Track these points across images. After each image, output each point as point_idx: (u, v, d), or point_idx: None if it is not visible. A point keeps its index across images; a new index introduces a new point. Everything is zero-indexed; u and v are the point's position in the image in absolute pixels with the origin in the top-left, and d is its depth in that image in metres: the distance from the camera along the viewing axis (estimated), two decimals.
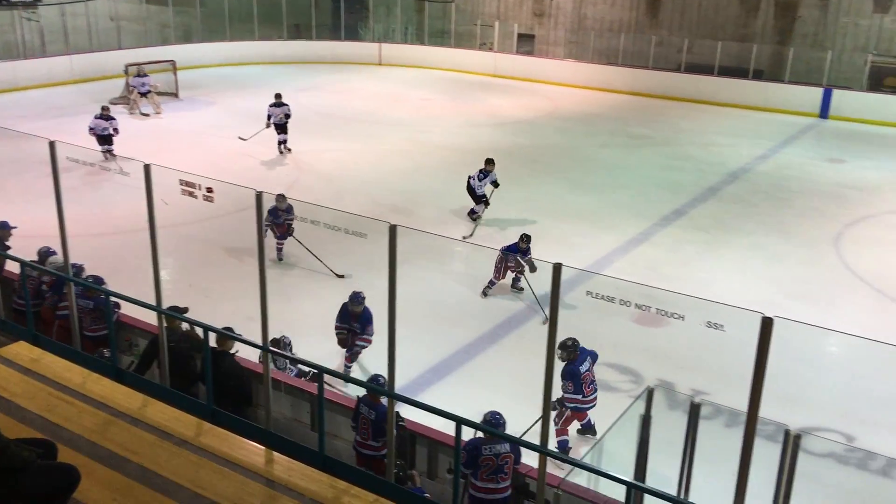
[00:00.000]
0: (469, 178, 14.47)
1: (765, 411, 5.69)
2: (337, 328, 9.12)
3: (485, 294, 11.55)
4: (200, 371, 6.81)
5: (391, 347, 5.13)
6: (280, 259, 12.44)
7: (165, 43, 29.21)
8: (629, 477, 5.40)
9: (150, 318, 7.56)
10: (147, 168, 5.96)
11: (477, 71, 31.53)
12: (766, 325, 3.55)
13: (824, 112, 25.03)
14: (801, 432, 5.07)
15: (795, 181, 18.14)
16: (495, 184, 14.47)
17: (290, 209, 11.99)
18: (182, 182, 5.86)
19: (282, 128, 18.47)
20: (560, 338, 7.40)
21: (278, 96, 18.63)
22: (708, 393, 8.86)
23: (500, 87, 29.42)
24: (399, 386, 5.68)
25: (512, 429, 7.29)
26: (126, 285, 7.43)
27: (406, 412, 7.16)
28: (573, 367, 7.81)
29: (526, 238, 11.25)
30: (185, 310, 7.22)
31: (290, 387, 7.39)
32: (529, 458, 6.08)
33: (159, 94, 23.13)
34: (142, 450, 4.98)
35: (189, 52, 28.73)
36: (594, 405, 7.98)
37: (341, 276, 11.88)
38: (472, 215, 14.59)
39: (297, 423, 7.27)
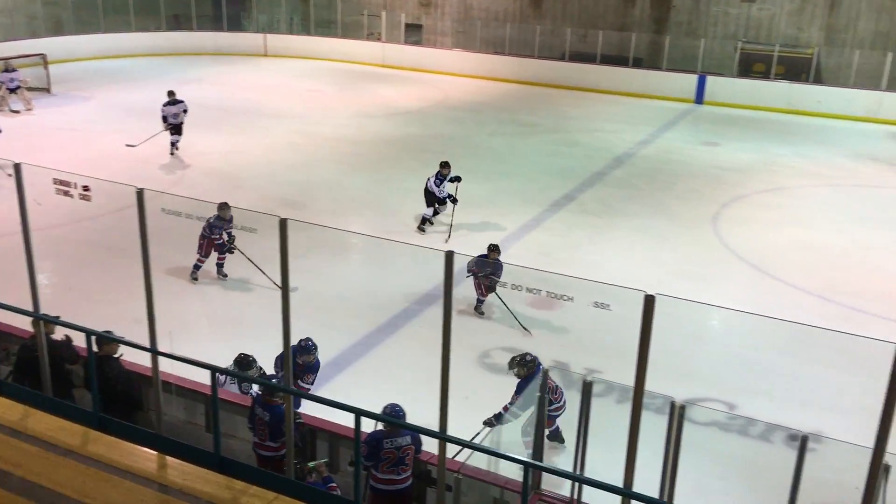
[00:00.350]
0: (427, 180, 13.80)
1: (652, 385, 5.92)
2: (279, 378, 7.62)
3: (480, 312, 10.59)
4: (84, 377, 6.51)
5: (286, 344, 5.05)
6: (225, 276, 11.43)
7: (35, 36, 27.55)
8: (527, 456, 5.53)
9: (28, 325, 7.16)
10: (17, 167, 5.63)
11: (365, 61, 31.34)
12: (649, 302, 3.70)
13: (699, 98, 26.22)
14: (686, 403, 5.32)
15: (675, 164, 18.95)
16: (457, 178, 13.67)
17: (232, 219, 11.01)
18: (56, 181, 5.57)
19: (177, 128, 17.45)
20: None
21: (171, 94, 17.53)
22: (600, 371, 9.13)
23: (389, 77, 29.35)
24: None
25: (413, 418, 7.32)
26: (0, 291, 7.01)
27: (304, 407, 7.08)
28: (529, 382, 7.31)
29: (493, 248, 10.36)
30: (56, 318, 6.86)
31: (183, 388, 7.17)
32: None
33: (30, 89, 21.83)
34: (24, 462, 4.72)
35: (60, 44, 27.25)
36: (563, 412, 7.51)
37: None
38: (429, 218, 13.85)
39: (191, 426, 7.06)
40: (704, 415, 8.34)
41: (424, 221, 13.84)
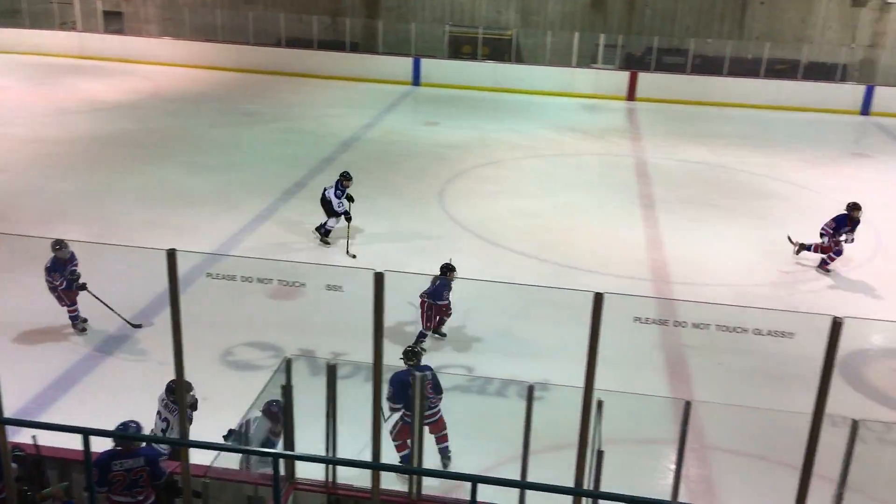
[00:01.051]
0: (325, 189, 12.97)
1: (394, 358, 6.13)
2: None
3: (443, 333, 10.00)
4: None
5: None
6: (84, 330, 9.79)
7: None
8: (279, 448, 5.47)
9: None
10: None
11: (61, 53, 28.60)
12: (379, 279, 3.80)
13: (416, 80, 27.27)
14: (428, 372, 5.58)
15: (400, 145, 19.58)
16: (350, 199, 12.85)
17: (73, 257, 9.48)
18: None
19: None
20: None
21: None
22: (346, 353, 9.26)
23: (90, 69, 27.05)
24: (12, 410, 5.03)
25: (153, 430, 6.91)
26: None
27: (30, 435, 6.40)
28: (403, 374, 7.08)
29: (451, 268, 9.72)
30: None
31: None
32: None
33: None
34: None
35: None
36: (431, 420, 7.34)
37: (138, 326, 9.78)
38: (321, 230, 12.99)
39: None
40: (446, 380, 8.75)
41: (328, 233, 12.98)
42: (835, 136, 22.87)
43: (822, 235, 12.50)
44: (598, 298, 3.47)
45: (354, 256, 12.44)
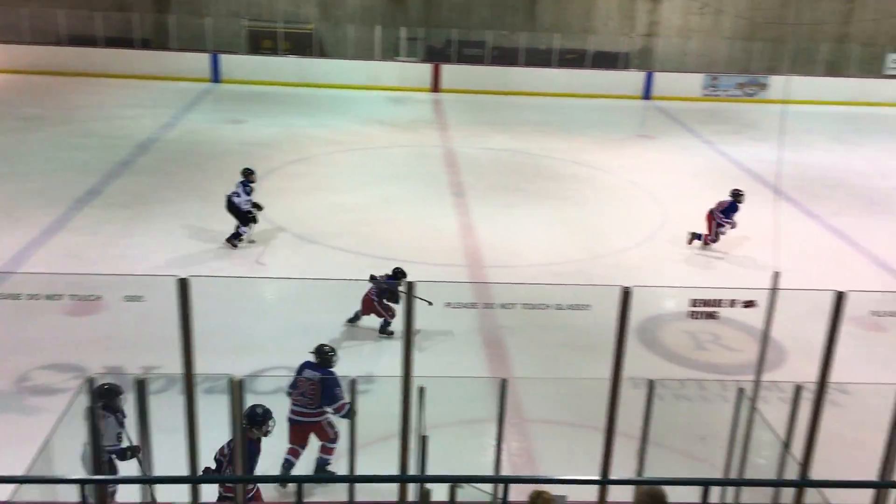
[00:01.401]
0: (230, 196, 12.47)
1: (213, 367, 5.89)
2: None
3: (390, 332, 10.10)
4: None
5: None
6: None
7: None
8: (87, 473, 5.12)
9: None
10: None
11: None
12: (183, 286, 3.64)
13: (216, 76, 26.28)
14: (245, 377, 5.42)
15: (204, 145, 18.82)
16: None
17: None
18: None
19: None
20: None
21: None
22: (160, 365, 8.79)
23: None
24: None
25: None
26: None
27: None
28: (301, 367, 7.31)
29: (403, 273, 10.21)
30: None
31: None
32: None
33: None
34: None
35: None
36: (296, 421, 7.22)
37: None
38: (238, 239, 12.65)
39: None
40: (268, 383, 8.56)
41: (239, 237, 12.59)
42: (622, 119, 24.67)
43: (719, 225, 13.45)
44: (409, 287, 3.53)
45: (264, 264, 12.30)
